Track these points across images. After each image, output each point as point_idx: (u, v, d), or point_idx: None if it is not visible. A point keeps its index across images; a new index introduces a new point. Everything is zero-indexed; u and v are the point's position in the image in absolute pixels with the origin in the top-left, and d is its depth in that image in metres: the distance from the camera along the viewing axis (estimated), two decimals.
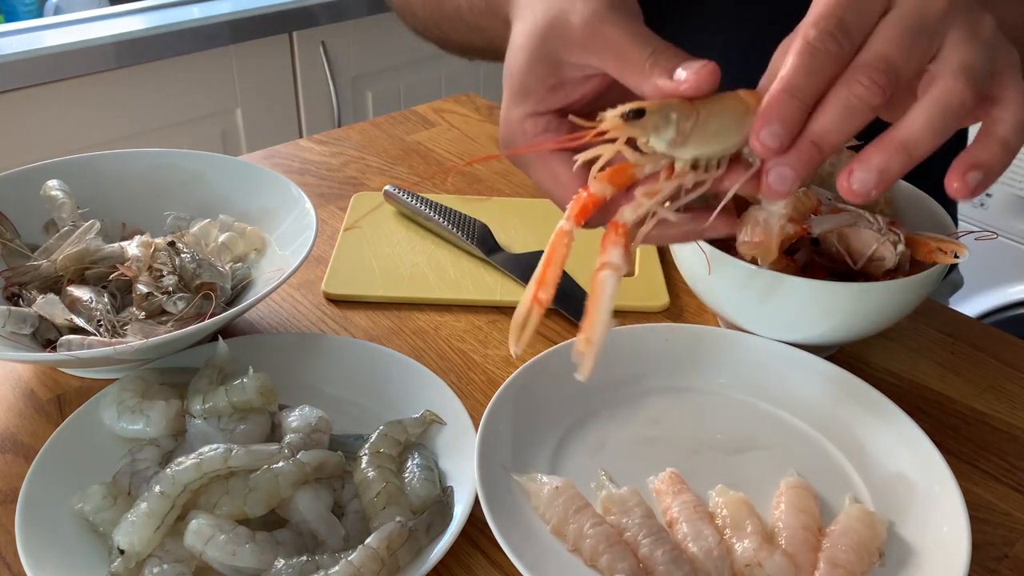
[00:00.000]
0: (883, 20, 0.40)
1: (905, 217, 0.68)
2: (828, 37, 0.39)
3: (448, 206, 0.82)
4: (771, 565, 0.48)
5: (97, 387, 0.59)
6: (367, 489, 0.51)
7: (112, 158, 0.76)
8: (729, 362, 0.63)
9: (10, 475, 0.55)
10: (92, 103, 1.53)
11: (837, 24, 0.39)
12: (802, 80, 0.39)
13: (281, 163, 0.95)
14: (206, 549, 0.46)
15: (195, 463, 0.49)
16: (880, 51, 0.39)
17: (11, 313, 0.60)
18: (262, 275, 0.68)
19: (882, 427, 0.57)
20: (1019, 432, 0.62)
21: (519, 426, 0.56)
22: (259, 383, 0.55)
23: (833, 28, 0.39)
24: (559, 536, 0.50)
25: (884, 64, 0.39)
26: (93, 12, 1.57)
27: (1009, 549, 0.53)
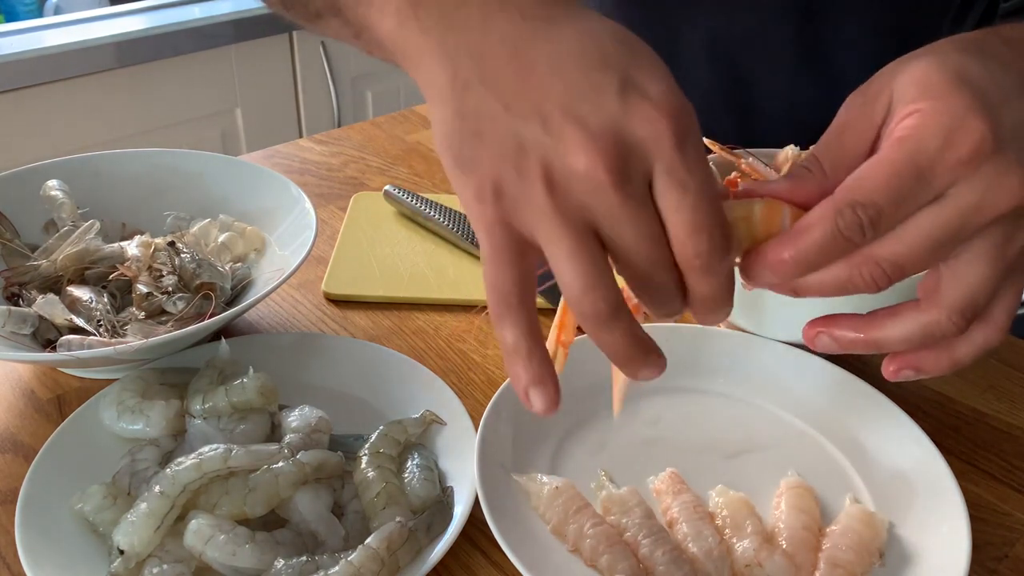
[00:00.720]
0: (923, 213, 0.37)
1: None
2: (857, 229, 0.36)
3: (448, 206, 0.82)
4: (771, 565, 0.48)
5: (97, 387, 0.59)
6: (367, 489, 0.51)
7: (112, 158, 0.76)
8: (729, 362, 0.63)
9: (10, 475, 0.55)
10: (92, 103, 1.53)
11: (872, 218, 0.36)
12: (814, 257, 0.38)
13: (281, 163, 0.95)
14: (206, 549, 0.46)
15: (195, 463, 0.49)
16: (897, 254, 0.37)
17: (11, 313, 0.60)
18: (262, 275, 0.68)
19: (882, 427, 0.57)
20: (1019, 432, 0.62)
21: (519, 426, 0.56)
22: (259, 383, 0.55)
23: (866, 221, 0.36)
24: (559, 536, 0.50)
25: (892, 268, 0.38)
26: (93, 12, 1.57)
27: (1009, 549, 0.53)
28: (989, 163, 0.36)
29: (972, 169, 0.36)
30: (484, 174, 0.36)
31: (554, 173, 0.35)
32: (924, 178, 0.36)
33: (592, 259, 0.35)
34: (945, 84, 0.37)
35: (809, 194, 0.39)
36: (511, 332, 0.38)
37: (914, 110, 0.37)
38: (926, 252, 0.37)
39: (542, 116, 0.34)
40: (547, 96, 0.34)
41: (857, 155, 0.39)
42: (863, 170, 0.37)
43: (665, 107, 0.34)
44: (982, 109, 0.36)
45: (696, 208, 0.34)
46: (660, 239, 0.35)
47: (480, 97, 0.36)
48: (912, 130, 0.37)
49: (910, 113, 0.37)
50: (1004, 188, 0.36)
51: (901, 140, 0.37)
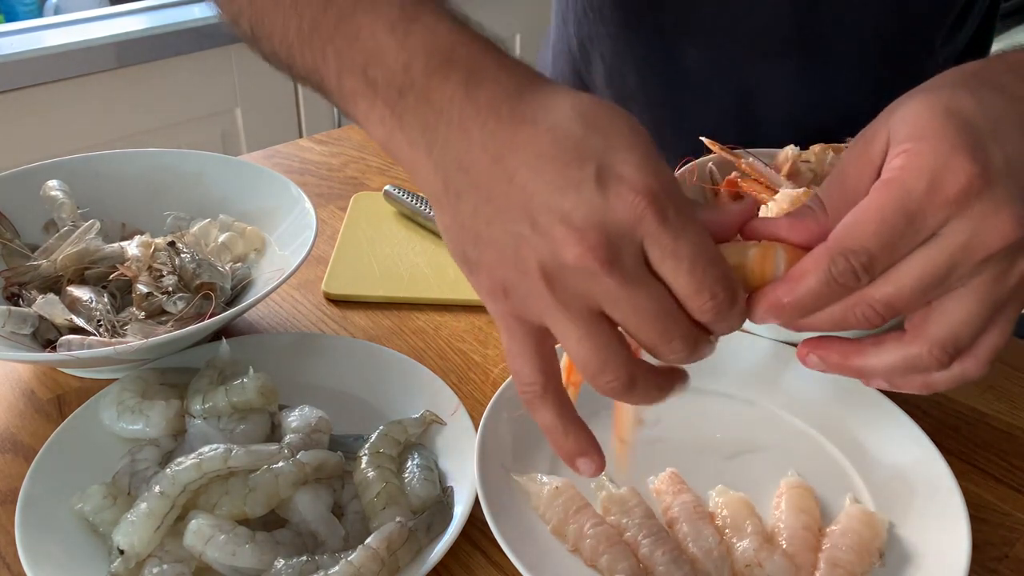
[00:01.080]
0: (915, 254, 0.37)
1: None
2: (850, 275, 0.37)
3: None
4: (771, 565, 0.48)
5: (97, 387, 0.59)
6: (367, 489, 0.51)
7: (112, 158, 0.76)
8: (729, 362, 0.63)
9: (10, 475, 0.55)
10: (92, 103, 1.53)
11: (865, 264, 0.37)
12: (810, 302, 0.39)
13: (281, 163, 0.95)
14: (206, 549, 0.46)
15: (195, 463, 0.49)
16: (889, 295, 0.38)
17: (11, 313, 0.60)
18: (262, 275, 0.68)
19: (882, 427, 0.57)
20: (1019, 432, 0.62)
21: (519, 426, 0.56)
22: (259, 383, 0.55)
23: (859, 267, 0.37)
24: (559, 536, 0.50)
25: (885, 308, 0.38)
26: (93, 12, 1.57)
27: (1009, 549, 0.53)
28: (978, 202, 0.36)
29: (961, 209, 0.36)
30: (490, 275, 0.39)
31: (550, 269, 0.36)
32: (913, 222, 0.36)
33: (601, 341, 0.38)
34: (933, 122, 0.37)
35: (810, 233, 0.40)
36: (546, 416, 0.41)
37: (902, 151, 0.37)
38: (917, 293, 0.38)
39: (530, 218, 0.36)
40: (531, 198, 0.36)
41: (857, 195, 0.39)
42: (854, 215, 0.37)
43: (641, 187, 0.35)
44: (969, 147, 0.36)
45: (692, 272, 0.36)
46: (662, 310, 0.37)
47: (472, 205, 0.38)
48: (899, 171, 0.37)
49: (899, 154, 0.37)
50: (994, 228, 0.36)
51: (888, 183, 0.37)
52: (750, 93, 0.84)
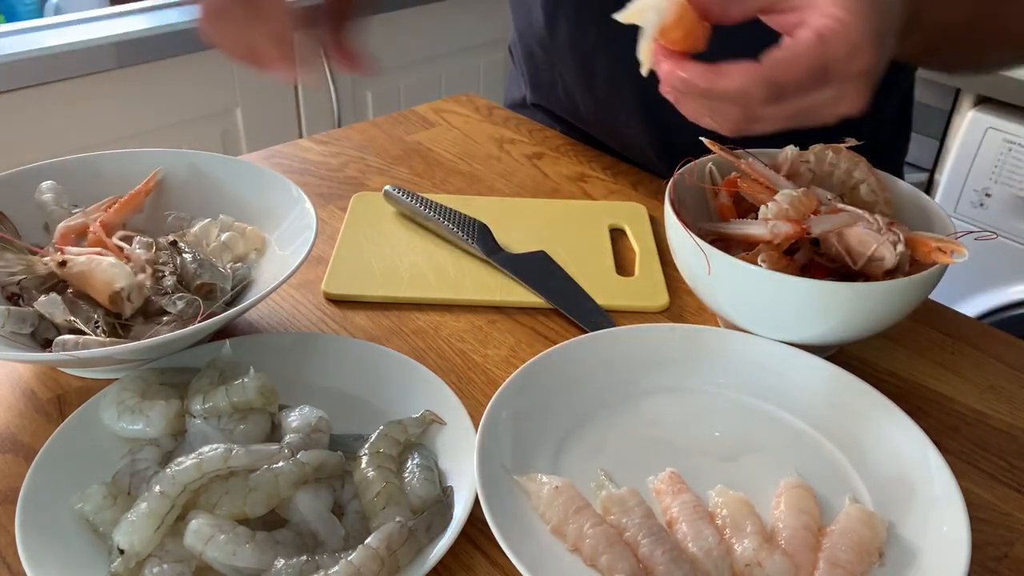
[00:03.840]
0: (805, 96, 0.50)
1: (904, 217, 0.68)
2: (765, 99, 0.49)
3: (448, 206, 0.82)
4: (771, 565, 0.48)
5: (97, 387, 0.59)
6: (367, 489, 0.51)
7: (112, 158, 0.76)
8: (729, 362, 0.63)
9: (10, 475, 0.55)
10: (92, 103, 1.53)
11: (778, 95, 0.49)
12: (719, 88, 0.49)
13: (281, 163, 0.95)
14: (206, 549, 0.46)
15: (195, 463, 0.49)
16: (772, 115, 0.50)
17: (11, 313, 0.60)
18: (262, 275, 0.68)
19: (882, 427, 0.57)
20: (1019, 432, 0.62)
21: (519, 426, 0.56)
22: (259, 383, 0.55)
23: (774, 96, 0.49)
24: (559, 536, 0.50)
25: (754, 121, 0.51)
26: (93, 12, 1.57)
27: (1009, 549, 0.53)
28: (856, 81, 0.49)
29: (846, 79, 0.49)
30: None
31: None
32: (825, 77, 0.48)
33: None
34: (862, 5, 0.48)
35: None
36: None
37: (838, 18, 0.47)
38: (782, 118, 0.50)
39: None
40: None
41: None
42: (790, 55, 0.48)
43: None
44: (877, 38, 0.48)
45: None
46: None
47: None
48: (831, 35, 0.47)
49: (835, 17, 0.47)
50: (849, 101, 0.50)
51: (822, 40, 0.47)
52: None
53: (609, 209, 0.87)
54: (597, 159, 0.99)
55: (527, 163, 0.98)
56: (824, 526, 0.51)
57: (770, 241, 0.62)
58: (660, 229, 0.83)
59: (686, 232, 0.62)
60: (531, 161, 0.98)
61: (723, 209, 0.70)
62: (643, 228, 0.83)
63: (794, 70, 0.48)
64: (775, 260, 0.61)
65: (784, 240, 0.61)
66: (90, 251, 0.64)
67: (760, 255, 0.61)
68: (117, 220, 0.71)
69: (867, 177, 0.68)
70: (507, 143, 1.02)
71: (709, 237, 0.65)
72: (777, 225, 0.61)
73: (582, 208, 0.87)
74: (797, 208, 0.62)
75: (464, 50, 2.00)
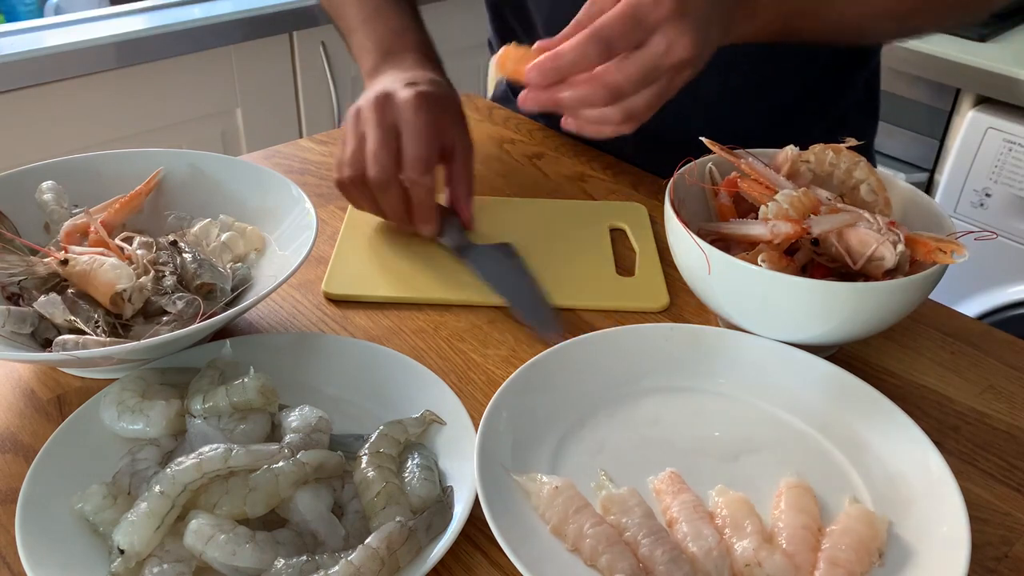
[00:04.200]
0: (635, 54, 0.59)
1: (904, 217, 0.68)
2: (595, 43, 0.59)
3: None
4: (771, 565, 0.48)
5: (97, 387, 0.59)
6: (367, 489, 0.51)
7: (112, 158, 0.76)
8: (729, 362, 0.63)
9: (10, 475, 0.55)
10: (92, 103, 1.53)
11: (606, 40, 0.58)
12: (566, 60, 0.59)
13: (281, 163, 0.95)
14: (206, 549, 0.46)
15: (195, 463, 0.49)
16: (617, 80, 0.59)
17: (11, 313, 0.60)
18: (262, 275, 0.68)
19: (882, 427, 0.57)
20: (1019, 432, 0.62)
21: (519, 426, 0.56)
22: (259, 383, 0.55)
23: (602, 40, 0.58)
24: (559, 536, 0.50)
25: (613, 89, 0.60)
26: (93, 12, 1.57)
27: (1009, 549, 0.53)
28: (677, 23, 0.58)
29: (665, 23, 0.58)
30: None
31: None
32: (639, 24, 0.58)
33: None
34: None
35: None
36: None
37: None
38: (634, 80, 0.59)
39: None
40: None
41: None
42: (601, 12, 0.59)
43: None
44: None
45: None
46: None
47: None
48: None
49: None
50: (681, 45, 0.59)
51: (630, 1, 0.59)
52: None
53: (609, 209, 0.87)
54: (597, 159, 0.99)
55: (527, 163, 0.97)
56: (824, 526, 0.51)
57: (770, 241, 0.62)
58: (660, 229, 0.83)
59: (686, 232, 0.62)
60: (531, 161, 0.98)
61: (723, 209, 0.70)
62: (643, 228, 0.83)
63: (610, 22, 0.58)
64: (775, 260, 0.61)
65: (784, 240, 0.61)
66: (93, 251, 0.64)
67: (760, 255, 0.61)
68: (117, 220, 0.71)
69: (867, 177, 0.68)
70: (507, 143, 1.02)
71: (709, 237, 0.65)
72: (777, 225, 0.61)
73: (582, 208, 0.87)
74: (797, 208, 0.62)
75: (464, 50, 2.00)
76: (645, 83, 0.60)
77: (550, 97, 0.63)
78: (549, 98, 0.63)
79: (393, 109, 0.73)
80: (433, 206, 0.75)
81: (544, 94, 0.63)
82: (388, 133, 0.72)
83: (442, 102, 0.76)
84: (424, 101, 0.73)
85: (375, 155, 0.72)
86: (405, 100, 0.73)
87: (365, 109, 0.74)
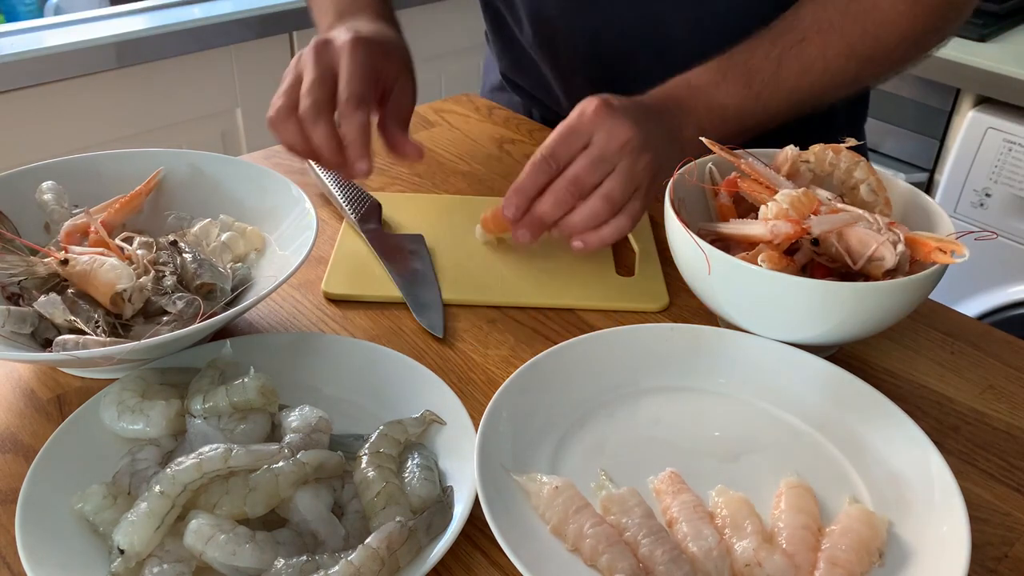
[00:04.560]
0: (583, 153, 0.69)
1: (904, 217, 0.68)
2: (544, 162, 0.70)
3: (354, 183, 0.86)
4: (771, 565, 0.48)
5: (97, 387, 0.59)
6: (367, 489, 0.51)
7: (112, 158, 0.76)
8: (729, 362, 0.63)
9: (10, 475, 0.55)
10: (92, 103, 1.53)
11: (551, 154, 0.70)
12: (529, 186, 0.71)
13: (281, 163, 0.95)
14: (206, 549, 0.46)
15: (195, 463, 0.49)
16: (575, 174, 0.69)
17: (11, 313, 0.60)
18: (262, 275, 0.68)
19: (882, 427, 0.57)
20: (1019, 432, 0.62)
21: (519, 426, 0.56)
22: (259, 383, 0.55)
23: (548, 156, 0.70)
24: (559, 536, 0.50)
25: (575, 183, 0.70)
26: (93, 12, 1.57)
27: (1009, 549, 0.53)
28: (608, 119, 0.69)
29: (597, 124, 0.69)
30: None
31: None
32: (572, 133, 0.70)
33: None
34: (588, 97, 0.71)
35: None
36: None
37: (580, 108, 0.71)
38: (588, 169, 0.69)
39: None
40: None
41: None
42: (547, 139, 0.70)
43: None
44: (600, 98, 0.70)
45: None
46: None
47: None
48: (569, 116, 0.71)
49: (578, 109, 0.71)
50: (620, 130, 0.69)
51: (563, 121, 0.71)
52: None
53: None
54: None
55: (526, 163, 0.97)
56: (824, 526, 0.51)
57: (770, 241, 0.62)
58: (660, 229, 0.83)
59: (686, 232, 0.62)
60: None
61: (723, 209, 0.70)
62: (643, 228, 0.83)
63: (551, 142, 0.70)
64: (775, 260, 0.61)
65: (784, 240, 0.61)
66: (93, 251, 0.64)
67: (760, 255, 0.61)
68: (117, 220, 0.71)
69: (867, 177, 0.68)
70: (507, 143, 1.02)
71: (709, 237, 0.65)
72: (777, 225, 0.61)
73: None
74: (797, 208, 0.62)
75: (464, 50, 2.00)
76: (600, 170, 0.69)
77: (531, 220, 0.71)
78: (531, 221, 0.71)
79: (330, 50, 0.74)
80: (367, 143, 0.72)
81: (526, 220, 0.71)
82: (324, 71, 0.72)
83: (384, 47, 0.77)
84: (362, 44, 0.74)
85: (309, 90, 0.72)
86: (343, 42, 0.74)
87: (305, 53, 0.75)
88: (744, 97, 0.77)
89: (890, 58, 0.79)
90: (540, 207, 0.70)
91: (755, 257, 0.61)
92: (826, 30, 0.76)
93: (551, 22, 0.94)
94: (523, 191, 0.70)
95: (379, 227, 0.81)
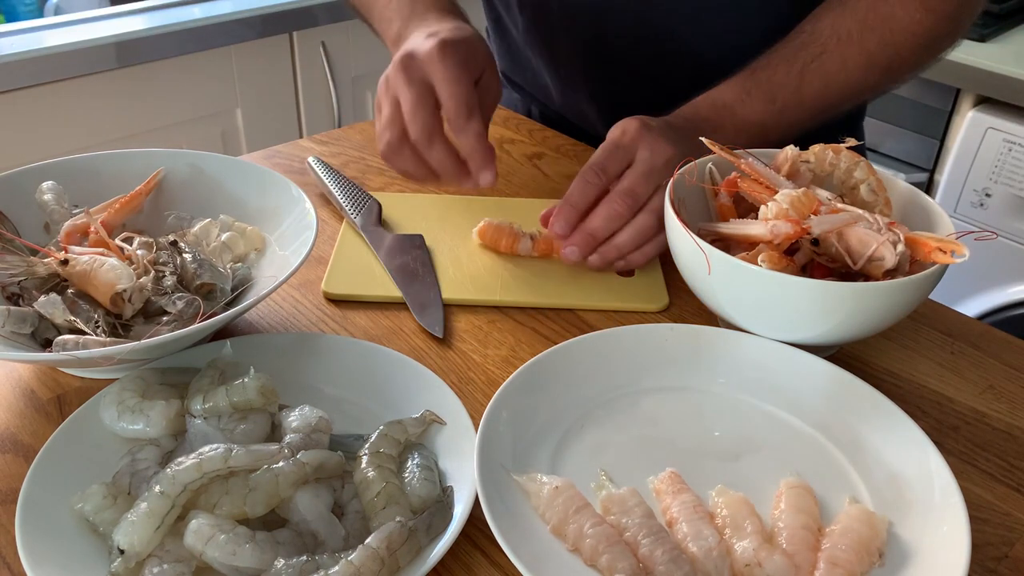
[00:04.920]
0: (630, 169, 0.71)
1: (904, 217, 0.68)
2: (592, 174, 0.71)
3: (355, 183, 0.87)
4: (771, 565, 0.48)
5: (97, 387, 0.59)
6: (367, 489, 0.51)
7: (112, 158, 0.76)
8: (729, 362, 0.63)
9: (10, 475, 0.55)
10: (92, 103, 1.53)
11: (601, 167, 0.71)
12: (576, 197, 0.71)
13: (281, 163, 0.95)
14: (206, 549, 0.46)
15: (195, 463, 0.49)
16: (626, 188, 0.71)
17: (11, 313, 0.60)
18: (262, 275, 0.68)
19: (882, 427, 0.57)
20: (1019, 432, 0.62)
21: (519, 426, 0.56)
22: (259, 383, 0.55)
23: (598, 168, 0.71)
24: (559, 536, 0.50)
25: (628, 195, 0.70)
26: (93, 12, 1.57)
27: (1009, 549, 0.53)
28: (647, 137, 0.71)
29: (638, 141, 0.71)
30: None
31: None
32: (617, 148, 0.71)
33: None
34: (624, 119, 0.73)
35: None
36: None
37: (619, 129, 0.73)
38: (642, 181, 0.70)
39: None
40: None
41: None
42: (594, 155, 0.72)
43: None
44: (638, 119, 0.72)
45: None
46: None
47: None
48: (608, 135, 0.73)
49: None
50: (661, 147, 0.70)
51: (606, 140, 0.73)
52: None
53: None
54: None
55: (527, 163, 0.97)
56: (824, 526, 0.51)
57: (770, 241, 0.62)
58: None
59: (686, 232, 0.62)
60: (531, 161, 0.98)
61: (723, 209, 0.70)
62: None
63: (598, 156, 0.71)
64: (775, 260, 0.61)
65: (784, 240, 0.61)
66: (93, 251, 0.64)
67: (760, 255, 0.61)
68: (117, 220, 0.71)
69: (867, 177, 0.68)
70: (507, 143, 1.02)
71: (709, 237, 0.65)
72: (777, 225, 0.61)
73: None
74: (797, 208, 0.62)
75: None
76: (651, 184, 0.70)
77: (582, 235, 0.70)
78: (582, 237, 0.71)
79: (419, 64, 0.70)
80: (487, 151, 0.70)
81: (576, 236, 0.70)
82: (420, 88, 0.69)
83: (467, 44, 0.73)
84: (449, 47, 0.70)
85: (412, 114, 0.69)
86: (428, 52, 0.70)
87: (392, 73, 0.71)
88: (769, 113, 0.77)
89: (906, 65, 0.79)
90: (592, 222, 0.70)
91: (755, 257, 0.61)
92: (845, 41, 0.76)
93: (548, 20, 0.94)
94: (574, 204, 0.69)
95: (379, 227, 0.81)
